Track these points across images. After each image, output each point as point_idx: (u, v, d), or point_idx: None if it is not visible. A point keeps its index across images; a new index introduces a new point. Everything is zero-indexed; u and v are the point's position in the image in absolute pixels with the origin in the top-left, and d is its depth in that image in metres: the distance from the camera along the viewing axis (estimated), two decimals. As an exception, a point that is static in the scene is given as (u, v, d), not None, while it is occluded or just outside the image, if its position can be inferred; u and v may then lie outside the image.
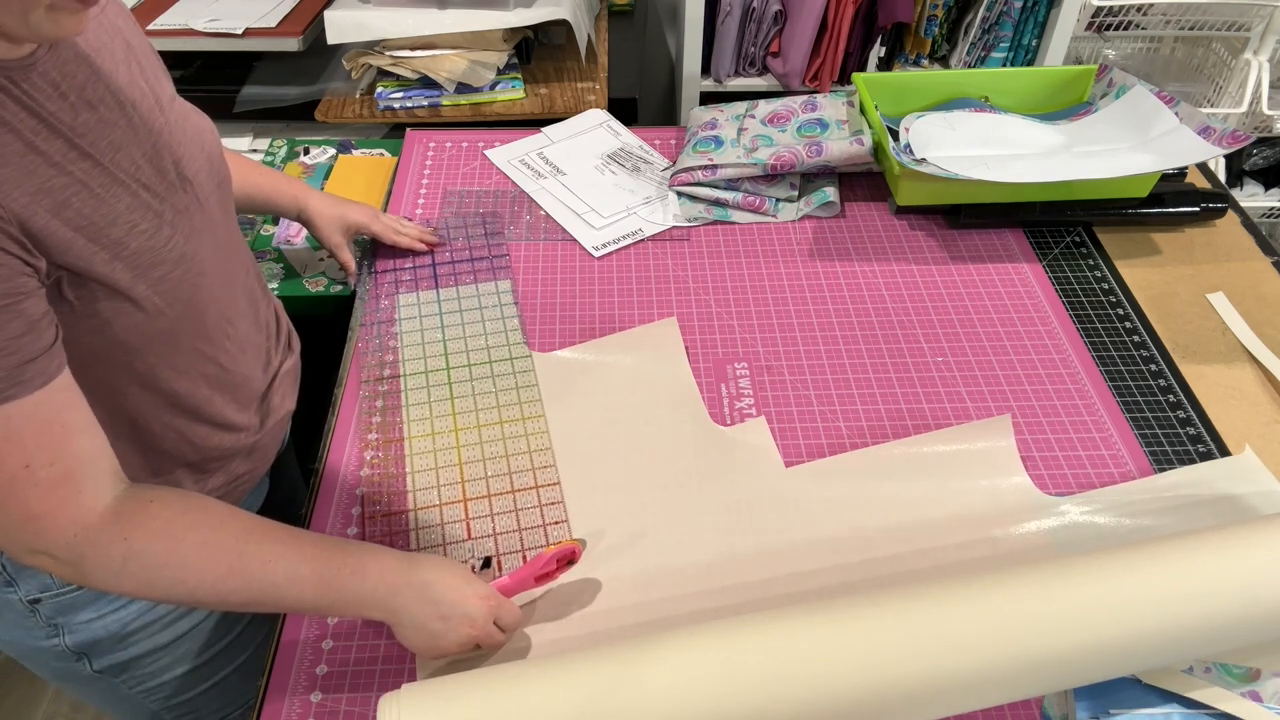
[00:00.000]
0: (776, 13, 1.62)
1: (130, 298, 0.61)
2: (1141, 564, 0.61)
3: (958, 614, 0.59)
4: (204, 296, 0.68)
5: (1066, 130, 1.13)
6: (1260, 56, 1.72)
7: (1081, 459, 0.85)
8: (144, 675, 0.82)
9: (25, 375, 0.53)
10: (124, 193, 0.60)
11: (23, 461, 0.55)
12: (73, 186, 0.57)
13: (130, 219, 0.60)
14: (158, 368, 0.67)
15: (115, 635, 0.77)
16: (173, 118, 0.68)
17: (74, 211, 0.56)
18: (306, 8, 1.53)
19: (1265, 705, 0.66)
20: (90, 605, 0.75)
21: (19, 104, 0.54)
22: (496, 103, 1.53)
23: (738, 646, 0.59)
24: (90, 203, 0.58)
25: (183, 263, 0.65)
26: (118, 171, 0.60)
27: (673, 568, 0.77)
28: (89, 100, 0.59)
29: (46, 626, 0.75)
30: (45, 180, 0.55)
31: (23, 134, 0.54)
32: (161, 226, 0.63)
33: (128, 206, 0.60)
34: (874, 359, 0.95)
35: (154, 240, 0.62)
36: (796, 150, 1.10)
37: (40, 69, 0.56)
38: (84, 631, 0.76)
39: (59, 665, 0.79)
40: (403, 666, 0.71)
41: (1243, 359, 0.95)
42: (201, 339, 0.70)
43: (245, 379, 0.77)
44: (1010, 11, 1.60)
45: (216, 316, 0.71)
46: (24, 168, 0.54)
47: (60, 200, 0.56)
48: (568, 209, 1.14)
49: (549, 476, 0.84)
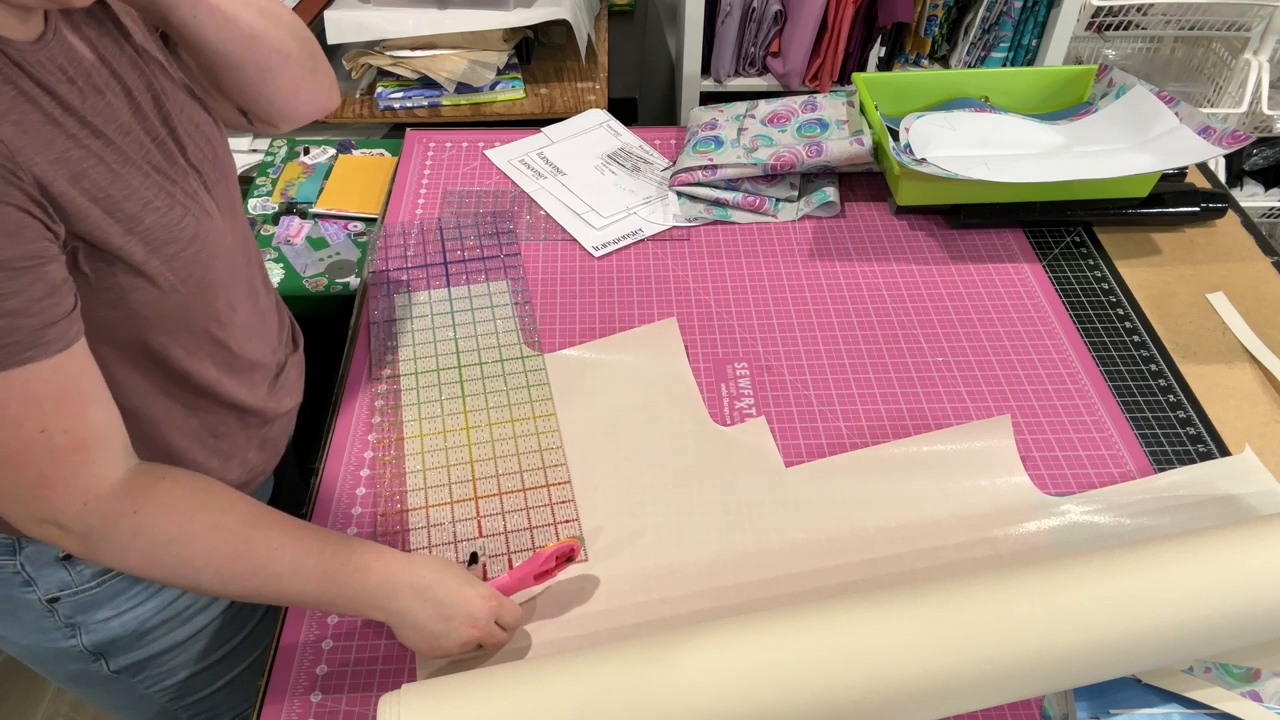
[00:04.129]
0: (776, 13, 1.62)
1: (145, 273, 0.61)
2: (1141, 564, 0.61)
3: (957, 614, 0.59)
4: (214, 278, 0.69)
5: (1066, 130, 1.13)
6: (1260, 56, 1.72)
7: (1081, 459, 0.85)
8: (161, 674, 0.82)
9: (46, 338, 0.54)
10: (137, 171, 0.61)
11: (39, 425, 0.55)
12: (89, 159, 0.57)
13: (144, 195, 0.61)
14: (170, 346, 0.67)
15: (133, 633, 0.77)
16: (178, 107, 0.68)
17: (90, 182, 0.57)
18: (306, 8, 1.53)
19: (1265, 705, 0.66)
20: (108, 603, 0.75)
21: (34, 81, 0.55)
22: (496, 103, 1.53)
23: (737, 647, 0.59)
24: (106, 176, 0.58)
25: (195, 242, 0.65)
26: (130, 151, 0.61)
27: (673, 568, 0.77)
28: (96, 85, 0.60)
29: (65, 627, 0.75)
30: (63, 150, 0.56)
31: (41, 105, 0.55)
32: (174, 206, 0.63)
33: (141, 184, 0.61)
34: (874, 359, 0.95)
35: (168, 218, 0.62)
36: (796, 150, 1.11)
37: (49, 52, 0.57)
38: (102, 630, 0.76)
39: (75, 667, 0.79)
40: (403, 666, 0.71)
41: (1243, 359, 0.95)
42: (211, 320, 0.70)
43: (252, 364, 0.77)
44: (1010, 11, 1.60)
45: (225, 300, 0.71)
46: (43, 136, 0.55)
47: (78, 170, 0.56)
48: (568, 209, 1.14)
49: (559, 475, 0.84)
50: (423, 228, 1.11)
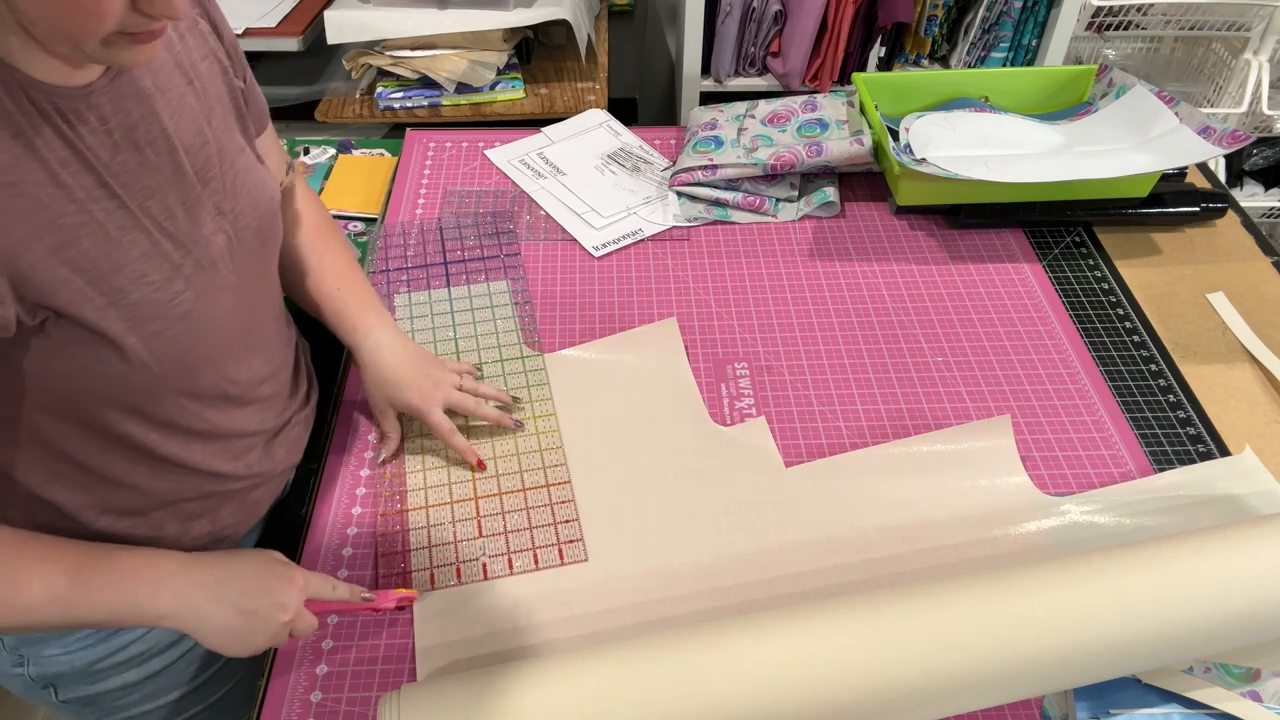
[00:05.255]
0: (776, 13, 1.62)
1: (118, 347, 0.58)
2: (1142, 564, 0.61)
3: (957, 614, 0.60)
4: (198, 356, 0.65)
5: (1066, 130, 1.13)
6: (1260, 56, 1.72)
7: (1081, 459, 0.85)
8: (114, 708, 0.79)
9: None
10: (143, 239, 0.59)
11: None
12: (87, 225, 0.55)
13: (140, 268, 0.58)
14: (127, 419, 0.64)
15: (80, 671, 0.75)
16: (232, 171, 0.66)
17: (79, 251, 0.55)
18: (306, 8, 1.53)
19: (1265, 705, 0.66)
20: (56, 641, 0.73)
21: (57, 133, 0.54)
22: (496, 103, 1.53)
23: (737, 647, 0.59)
24: (100, 245, 0.56)
25: (186, 320, 0.62)
26: (143, 217, 0.59)
27: (672, 568, 0.77)
28: (135, 141, 0.58)
29: (12, 654, 0.74)
30: (57, 215, 0.54)
31: (49, 164, 0.53)
32: (174, 280, 0.61)
33: (142, 254, 0.59)
34: (874, 359, 0.95)
35: (160, 294, 0.60)
36: (796, 150, 1.11)
37: (93, 101, 0.55)
38: (49, 664, 0.74)
39: (27, 692, 0.78)
40: (403, 666, 0.71)
41: (1243, 359, 0.95)
42: (186, 395, 0.67)
43: (238, 433, 0.73)
44: (1010, 11, 1.60)
45: (215, 375, 0.68)
46: (36, 201, 0.53)
47: (66, 239, 0.54)
48: (568, 209, 1.14)
49: (559, 475, 0.84)
50: (423, 228, 1.11)
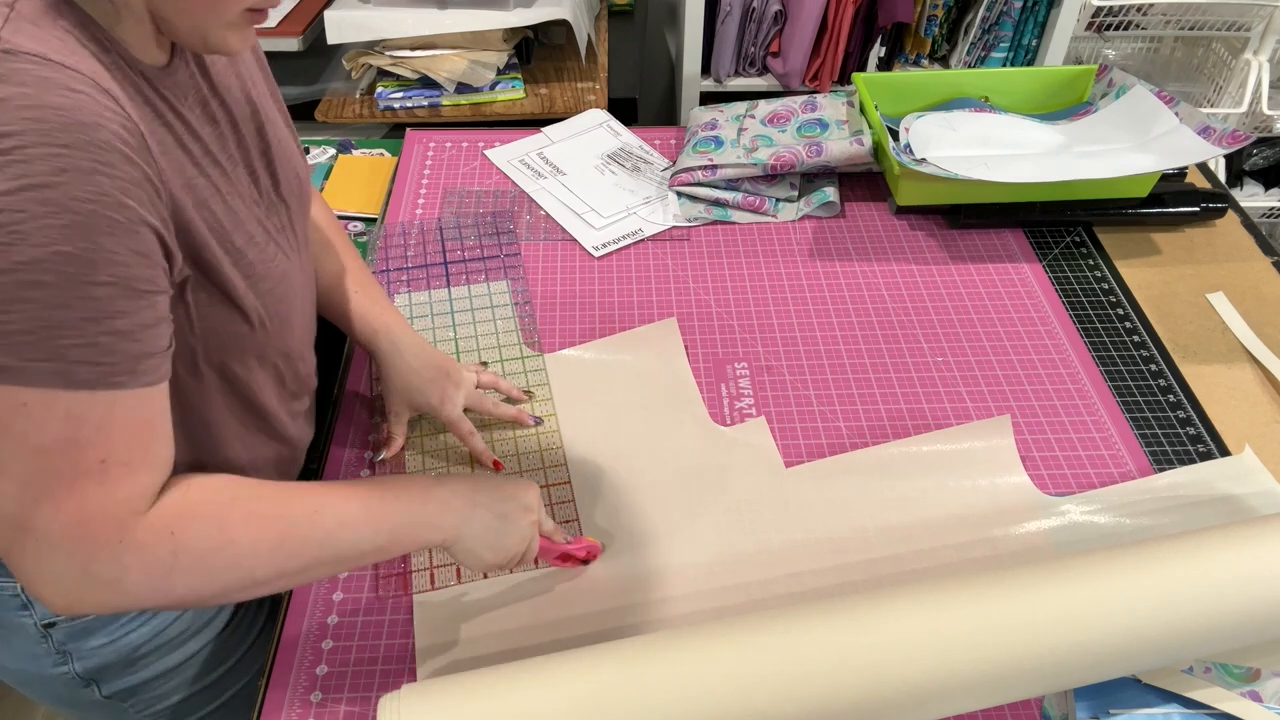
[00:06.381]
0: (776, 13, 1.62)
1: (241, 307, 0.62)
2: (1141, 564, 0.61)
3: (957, 614, 0.59)
4: (292, 317, 0.70)
5: (1066, 130, 1.13)
6: (1260, 56, 1.72)
7: (1081, 459, 0.85)
8: (152, 698, 0.80)
9: (141, 368, 0.52)
10: (242, 204, 0.62)
11: (101, 455, 0.52)
12: (209, 188, 0.58)
13: (249, 229, 0.62)
14: (250, 376, 0.68)
15: (125, 659, 0.76)
16: (276, 139, 0.68)
17: (210, 212, 0.58)
18: (306, 8, 1.53)
19: (1265, 705, 0.66)
20: (103, 629, 0.74)
21: (167, 105, 0.56)
22: (496, 103, 1.53)
23: (737, 647, 0.59)
24: (221, 206, 0.59)
25: (284, 280, 0.66)
26: (238, 183, 0.62)
27: (673, 568, 0.77)
28: (210, 115, 0.61)
29: (56, 654, 0.74)
30: (191, 176, 0.57)
31: (174, 130, 0.56)
32: (269, 242, 0.64)
33: (247, 216, 0.62)
34: (874, 359, 0.95)
35: (263, 253, 0.63)
36: (796, 150, 1.11)
37: (175, 79, 0.58)
38: (94, 657, 0.75)
39: (65, 693, 0.77)
40: (403, 667, 0.71)
41: (1243, 359, 0.95)
42: (282, 356, 0.71)
43: (300, 396, 0.77)
44: (1010, 11, 1.60)
45: (300, 334, 0.73)
46: (177, 161, 0.56)
47: (200, 198, 0.57)
48: (568, 209, 1.14)
49: (559, 475, 0.84)
50: (423, 228, 1.11)
